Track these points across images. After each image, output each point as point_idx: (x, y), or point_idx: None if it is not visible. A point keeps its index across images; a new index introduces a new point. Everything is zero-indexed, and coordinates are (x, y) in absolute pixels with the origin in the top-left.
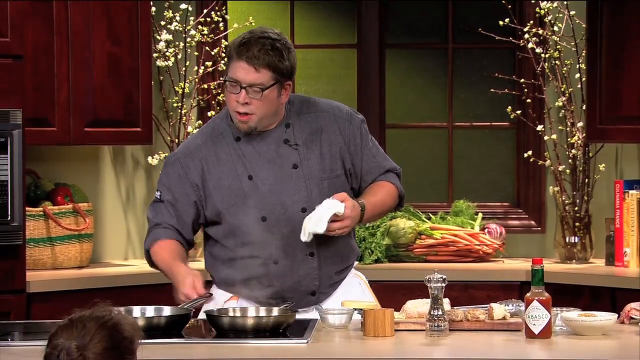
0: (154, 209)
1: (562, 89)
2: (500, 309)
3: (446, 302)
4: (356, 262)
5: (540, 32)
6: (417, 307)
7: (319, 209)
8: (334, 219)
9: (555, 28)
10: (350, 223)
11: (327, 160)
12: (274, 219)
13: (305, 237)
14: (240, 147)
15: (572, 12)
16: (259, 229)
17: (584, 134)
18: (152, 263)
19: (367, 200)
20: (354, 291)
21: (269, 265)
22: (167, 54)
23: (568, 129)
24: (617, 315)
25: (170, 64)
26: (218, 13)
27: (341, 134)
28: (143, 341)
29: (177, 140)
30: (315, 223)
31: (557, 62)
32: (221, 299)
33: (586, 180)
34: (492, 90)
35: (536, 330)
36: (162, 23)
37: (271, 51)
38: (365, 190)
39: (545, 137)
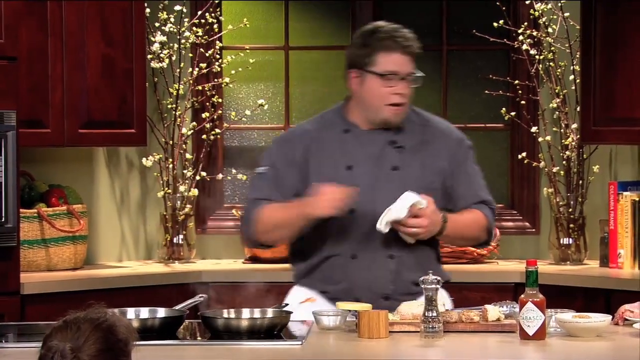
0: (256, 184)
1: (557, 91)
2: (494, 311)
3: (448, 301)
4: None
5: (535, 33)
6: (412, 308)
7: (400, 198)
8: (415, 213)
9: (550, 30)
10: (427, 224)
11: (427, 172)
12: (362, 214)
13: (381, 225)
14: (347, 139)
15: (567, 14)
16: (345, 220)
17: (578, 136)
18: (261, 231)
19: (452, 216)
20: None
21: (347, 259)
22: (162, 55)
23: (562, 130)
24: (611, 316)
25: (165, 66)
26: (212, 14)
27: (448, 152)
28: (138, 343)
29: (171, 141)
30: (394, 211)
31: (551, 63)
32: (297, 299)
33: (580, 181)
34: (486, 91)
35: (530, 331)
36: (157, 24)
37: (414, 39)
38: (457, 212)
39: (540, 139)
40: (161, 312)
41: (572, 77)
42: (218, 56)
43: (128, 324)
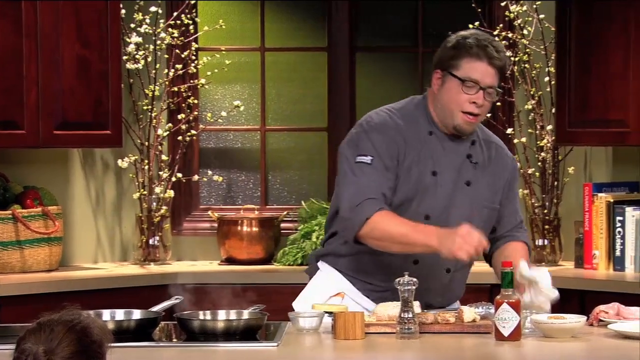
0: (366, 174)
1: (532, 92)
2: (470, 312)
3: (416, 305)
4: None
5: (510, 35)
6: (388, 309)
7: (542, 279)
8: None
9: (525, 32)
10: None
11: (491, 190)
12: (435, 222)
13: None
14: (431, 141)
15: (542, 16)
16: (419, 224)
17: (553, 137)
18: (368, 235)
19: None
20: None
21: (408, 263)
22: (137, 56)
23: (537, 132)
24: (586, 317)
25: (140, 67)
26: (188, 16)
27: (505, 172)
28: (112, 345)
29: (146, 143)
30: (547, 293)
31: (526, 65)
32: (327, 292)
33: (555, 183)
34: None
35: (506, 332)
36: (132, 25)
37: (504, 55)
38: (511, 254)
39: (515, 140)
40: (137, 314)
41: (547, 78)
42: (194, 57)
43: (103, 325)
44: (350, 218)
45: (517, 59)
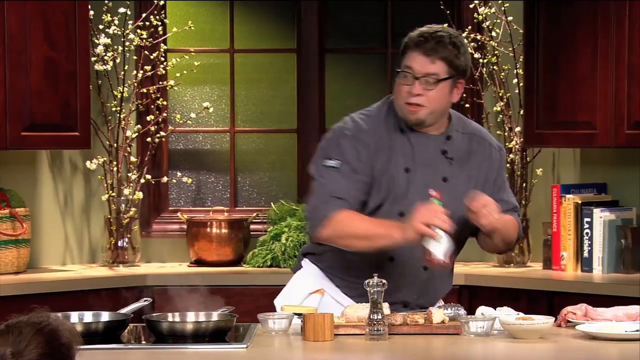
0: (331, 177)
1: (500, 94)
2: (439, 313)
3: (385, 306)
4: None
5: (479, 37)
6: (357, 311)
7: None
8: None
9: (493, 34)
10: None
11: (472, 184)
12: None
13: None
14: (402, 140)
15: (510, 18)
16: (393, 221)
17: (522, 139)
18: (331, 235)
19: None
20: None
21: (384, 260)
22: (106, 57)
23: (506, 133)
24: (554, 318)
25: (109, 68)
26: (157, 17)
27: (490, 162)
28: (81, 347)
29: (115, 144)
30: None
31: (495, 67)
32: (307, 289)
33: (524, 184)
34: None
35: (439, 254)
36: (100, 27)
37: (449, 45)
38: None
39: None
40: (105, 316)
41: (515, 80)
42: (163, 59)
43: (71, 327)
44: (312, 218)
45: (485, 60)
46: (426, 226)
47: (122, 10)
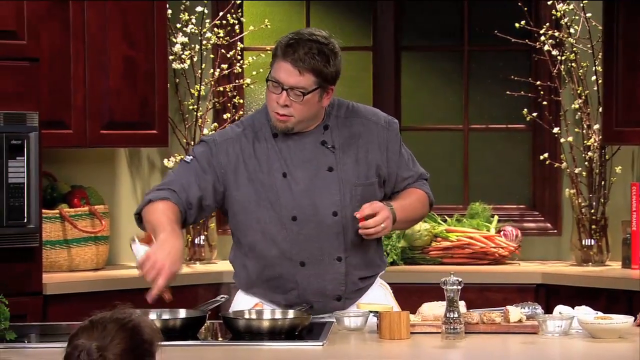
0: (179, 169)
1: (579, 92)
2: (516, 312)
3: (462, 304)
4: (382, 272)
5: (557, 34)
6: (433, 309)
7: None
8: (373, 211)
9: (572, 30)
10: (387, 216)
11: (362, 167)
12: (304, 220)
13: None
14: (277, 144)
15: (589, 15)
16: (288, 228)
17: (600, 137)
18: (143, 214)
19: (396, 204)
20: (378, 299)
21: (295, 267)
22: (183, 56)
23: (584, 131)
24: (633, 318)
25: (186, 67)
26: (234, 15)
27: (378, 140)
28: (162, 343)
29: (192, 142)
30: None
31: (573, 64)
32: (246, 306)
33: (602, 182)
34: (507, 92)
35: None
36: (178, 25)
37: (317, 55)
38: (396, 196)
39: (562, 140)
40: (183, 313)
41: (594, 77)
42: (239, 57)
43: (153, 324)
44: (144, 197)
45: (563, 57)
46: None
47: (199, 9)
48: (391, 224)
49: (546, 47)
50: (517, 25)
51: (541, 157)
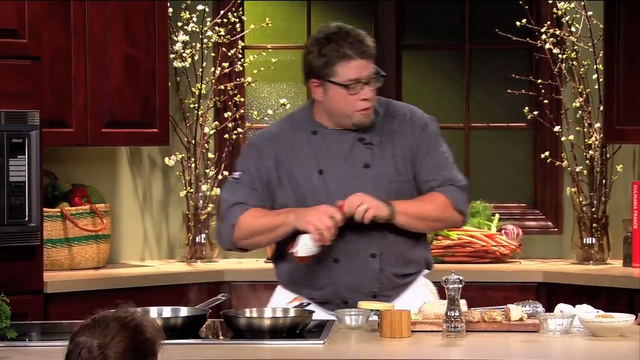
0: (232, 188)
1: (580, 90)
2: (517, 310)
3: (463, 303)
4: (426, 271)
5: (558, 32)
6: (434, 308)
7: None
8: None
9: (573, 29)
10: (367, 199)
11: (399, 164)
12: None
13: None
14: (315, 140)
15: (590, 13)
16: None
17: (602, 135)
18: (239, 237)
19: (398, 201)
20: (420, 299)
21: (329, 264)
22: (184, 55)
23: (585, 129)
24: (634, 316)
25: (187, 65)
26: (235, 14)
27: (412, 139)
28: (164, 342)
29: (193, 141)
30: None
31: (574, 62)
32: (284, 300)
33: (603, 181)
34: (508, 91)
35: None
36: (179, 24)
37: (368, 39)
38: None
39: (563, 138)
40: (184, 311)
41: (595, 76)
42: (240, 55)
43: (155, 323)
44: (221, 228)
45: (564, 56)
46: (311, 224)
47: (200, 7)
48: (378, 205)
49: (547, 46)
50: (518, 23)
51: (542, 156)
